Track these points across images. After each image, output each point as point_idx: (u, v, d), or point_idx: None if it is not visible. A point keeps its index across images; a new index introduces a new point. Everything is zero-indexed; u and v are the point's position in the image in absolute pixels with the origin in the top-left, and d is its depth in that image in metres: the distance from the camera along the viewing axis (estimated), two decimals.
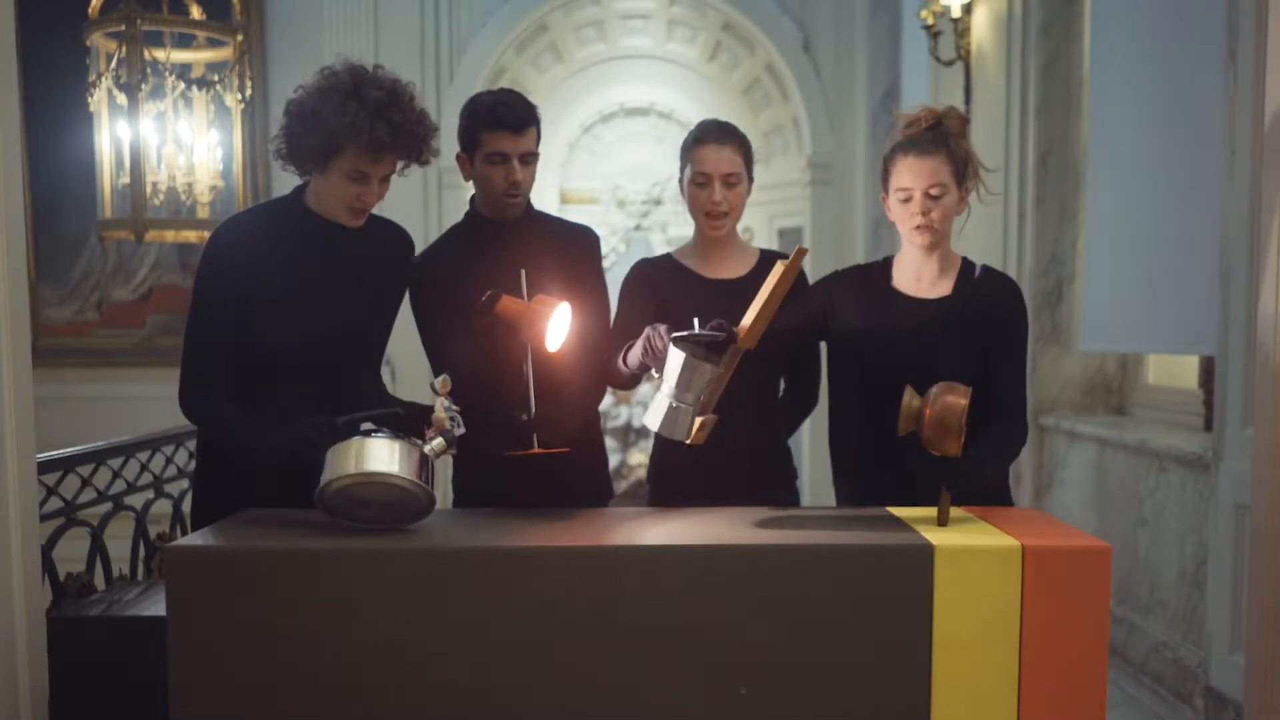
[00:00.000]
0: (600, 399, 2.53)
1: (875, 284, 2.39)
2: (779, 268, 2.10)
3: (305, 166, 2.22)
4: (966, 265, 2.37)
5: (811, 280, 2.55)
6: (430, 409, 2.04)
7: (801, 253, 2.11)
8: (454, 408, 2.03)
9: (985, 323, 2.30)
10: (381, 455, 1.93)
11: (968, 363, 2.27)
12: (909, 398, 2.07)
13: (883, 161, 2.35)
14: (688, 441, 2.09)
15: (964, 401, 2.04)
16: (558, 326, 2.16)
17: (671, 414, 2.06)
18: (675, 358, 2.05)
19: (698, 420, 2.08)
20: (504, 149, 2.35)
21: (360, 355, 2.36)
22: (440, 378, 2.04)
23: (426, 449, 1.99)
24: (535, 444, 2.18)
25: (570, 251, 2.49)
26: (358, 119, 2.12)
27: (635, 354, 2.22)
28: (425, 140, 2.22)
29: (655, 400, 2.10)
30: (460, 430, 2.05)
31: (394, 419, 2.12)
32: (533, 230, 2.47)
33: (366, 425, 2.05)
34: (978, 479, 2.14)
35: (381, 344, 2.41)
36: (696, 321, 2.11)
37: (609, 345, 2.43)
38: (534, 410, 2.18)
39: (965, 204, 2.33)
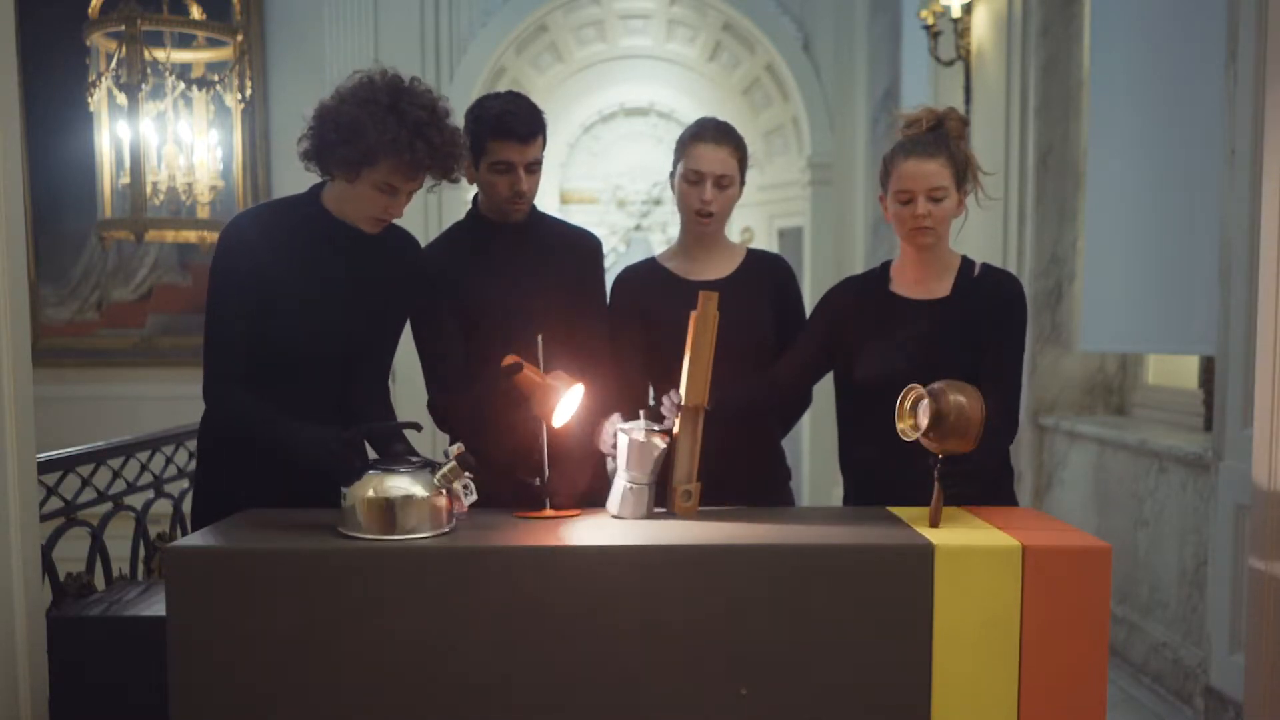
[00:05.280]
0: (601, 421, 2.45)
1: (874, 291, 2.39)
2: (692, 319, 2.15)
3: (333, 172, 2.21)
4: (966, 264, 2.37)
5: (808, 283, 2.55)
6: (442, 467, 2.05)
7: (710, 298, 2.15)
8: (468, 475, 2.04)
9: (985, 321, 2.30)
10: (411, 518, 1.97)
11: (970, 362, 2.27)
12: (917, 396, 2.04)
13: (882, 162, 2.35)
14: (679, 514, 2.18)
15: (981, 404, 2.01)
16: (567, 406, 2.19)
17: (628, 495, 2.17)
18: (622, 442, 2.16)
19: (682, 489, 2.18)
20: (510, 158, 2.35)
21: (368, 359, 2.35)
22: (455, 445, 2.04)
23: (462, 497, 2.05)
24: (548, 507, 2.20)
25: (572, 259, 2.49)
26: (399, 136, 2.10)
27: (604, 444, 2.28)
28: (459, 160, 2.22)
29: (614, 484, 2.19)
30: (473, 498, 2.06)
31: (401, 434, 2.17)
32: (535, 235, 2.47)
33: (392, 457, 2.08)
34: (979, 478, 2.14)
35: (390, 350, 2.41)
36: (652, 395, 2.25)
37: (607, 358, 2.43)
38: (547, 476, 2.19)
39: (964, 207, 2.33)
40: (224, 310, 2.22)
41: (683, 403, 2.17)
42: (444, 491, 2.00)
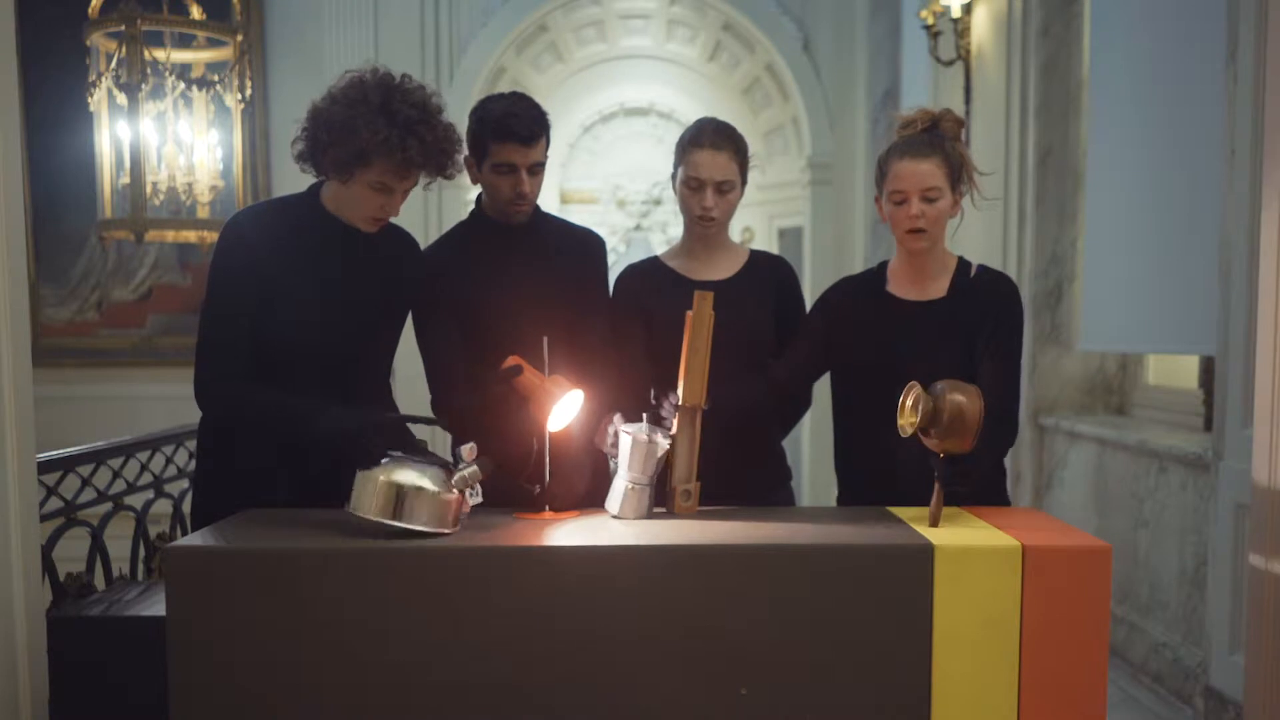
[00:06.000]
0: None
1: (870, 292, 2.39)
2: (688, 319, 2.14)
3: (328, 173, 2.21)
4: (962, 265, 2.37)
5: (808, 283, 2.55)
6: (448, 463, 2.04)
7: (705, 298, 2.14)
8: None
9: (981, 322, 2.29)
10: (421, 512, 1.96)
11: (966, 363, 2.27)
12: (918, 395, 2.06)
13: (877, 163, 2.35)
14: (678, 514, 2.18)
15: (980, 403, 2.03)
16: (565, 410, 2.19)
17: (629, 495, 2.16)
18: (625, 442, 2.15)
19: (681, 489, 2.18)
20: (512, 160, 2.34)
21: (368, 358, 2.36)
22: (468, 445, 2.04)
23: (465, 498, 2.04)
24: (546, 508, 2.20)
25: (575, 259, 2.49)
26: (390, 136, 2.10)
27: (603, 441, 2.27)
28: (452, 157, 2.22)
29: (614, 484, 2.18)
30: (478, 499, 2.06)
31: (413, 427, 2.17)
32: (538, 235, 2.47)
33: (403, 452, 2.08)
34: (974, 478, 2.14)
35: (390, 349, 2.41)
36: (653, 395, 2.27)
37: (609, 358, 2.44)
38: (546, 482, 2.19)
39: (959, 207, 2.33)
40: (223, 309, 2.22)
41: (680, 402, 2.17)
42: (458, 492, 2.00)
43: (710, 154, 2.39)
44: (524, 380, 2.16)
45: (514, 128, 2.32)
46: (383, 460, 2.00)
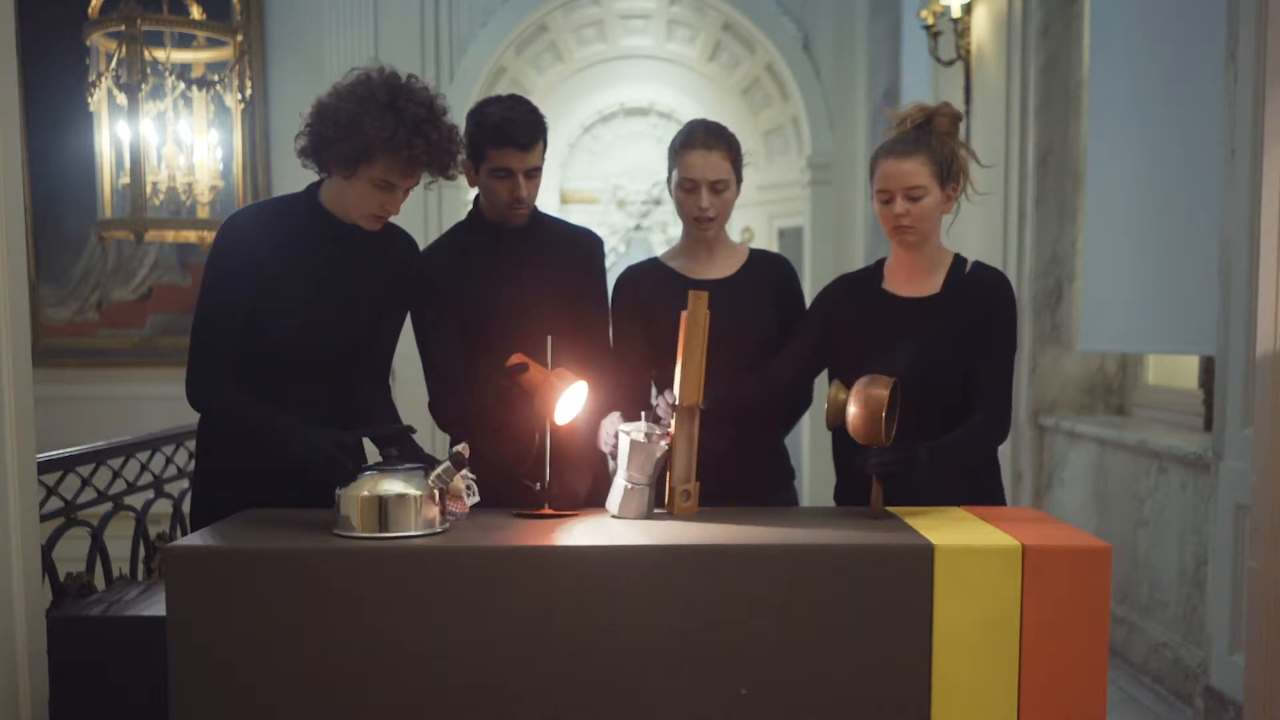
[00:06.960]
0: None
1: (866, 288, 2.39)
2: (683, 319, 2.14)
3: (330, 169, 2.22)
4: (957, 261, 2.37)
5: (808, 283, 2.55)
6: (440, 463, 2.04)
7: (699, 298, 2.14)
8: (470, 475, 2.06)
9: (976, 318, 2.29)
10: (402, 518, 1.97)
11: (960, 359, 2.27)
12: (835, 391, 2.12)
13: (869, 163, 2.36)
14: (678, 514, 2.17)
15: (885, 392, 2.07)
16: (570, 403, 2.19)
17: (628, 495, 2.16)
18: (624, 443, 2.15)
19: (680, 489, 2.17)
20: (510, 165, 2.35)
21: (367, 359, 2.36)
22: (461, 445, 2.04)
23: (449, 502, 2.04)
24: (547, 507, 2.20)
25: (573, 259, 2.49)
26: (396, 133, 2.12)
27: (603, 443, 2.27)
28: (455, 158, 2.23)
29: (614, 484, 2.19)
30: (475, 499, 2.07)
31: (402, 437, 2.17)
32: (536, 236, 2.47)
33: (384, 459, 2.07)
34: (907, 469, 2.13)
35: (389, 349, 2.41)
36: (653, 390, 2.26)
37: (608, 358, 2.43)
38: (548, 480, 2.19)
39: (952, 202, 2.33)
40: (216, 308, 2.22)
41: (677, 402, 2.17)
42: (437, 492, 2.00)
43: (702, 154, 2.40)
44: (529, 376, 2.17)
45: (511, 133, 2.33)
46: (362, 474, 2.01)
